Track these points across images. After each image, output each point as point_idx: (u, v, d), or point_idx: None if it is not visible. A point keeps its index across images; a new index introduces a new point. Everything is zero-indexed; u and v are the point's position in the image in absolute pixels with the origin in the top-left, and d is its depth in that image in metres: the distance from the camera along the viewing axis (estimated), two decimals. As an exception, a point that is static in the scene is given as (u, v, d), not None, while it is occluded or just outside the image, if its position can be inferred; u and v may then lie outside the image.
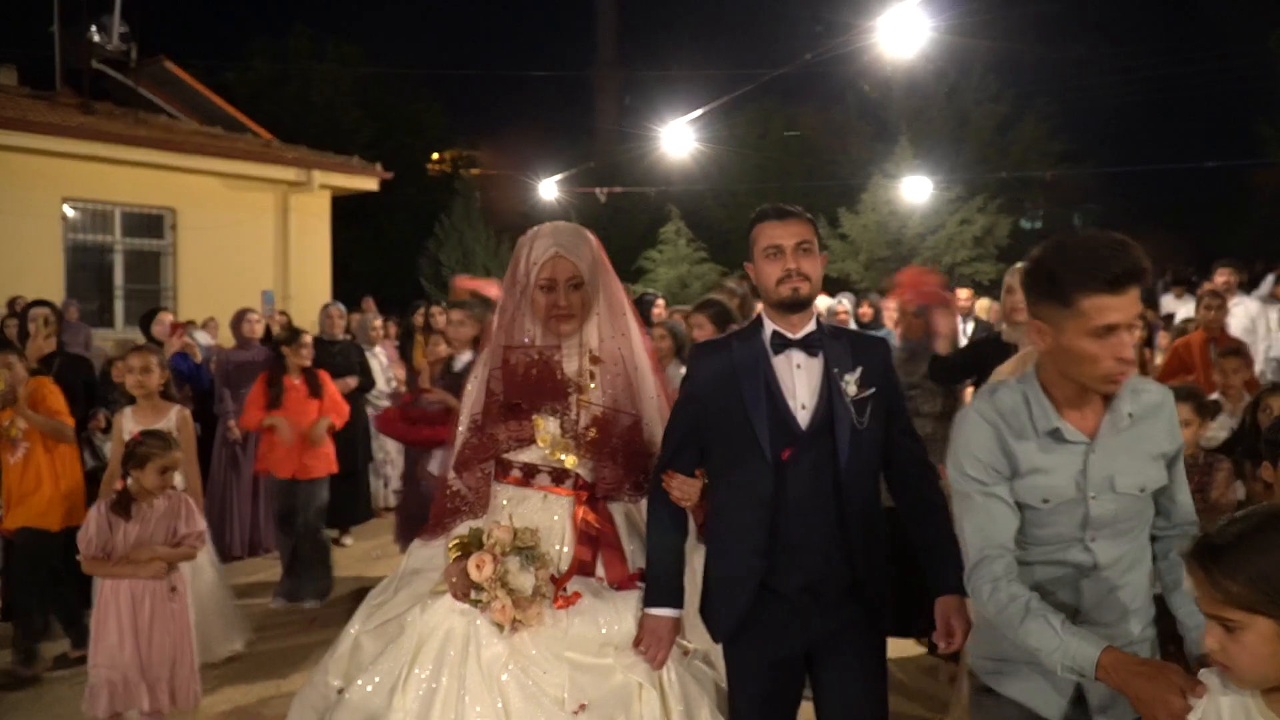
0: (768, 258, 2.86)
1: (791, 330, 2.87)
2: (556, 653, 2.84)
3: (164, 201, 14.92)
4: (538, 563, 2.87)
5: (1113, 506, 2.34)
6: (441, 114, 32.12)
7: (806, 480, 2.80)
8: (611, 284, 3.21)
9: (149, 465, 4.45)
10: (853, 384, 2.81)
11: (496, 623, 2.81)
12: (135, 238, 14.97)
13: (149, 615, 4.37)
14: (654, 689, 2.88)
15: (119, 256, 14.81)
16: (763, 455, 2.79)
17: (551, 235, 3.13)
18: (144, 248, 15.06)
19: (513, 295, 3.16)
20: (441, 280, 25.91)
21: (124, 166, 14.03)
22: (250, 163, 15.55)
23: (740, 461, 2.84)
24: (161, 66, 17.51)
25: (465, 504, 3.11)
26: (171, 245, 15.11)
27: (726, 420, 2.86)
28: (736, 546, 2.87)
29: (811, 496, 2.80)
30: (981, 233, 20.49)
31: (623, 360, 3.15)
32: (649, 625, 2.92)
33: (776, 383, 2.84)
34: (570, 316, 3.08)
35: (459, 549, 2.96)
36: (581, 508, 3.09)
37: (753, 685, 2.88)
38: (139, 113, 15.35)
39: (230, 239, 15.03)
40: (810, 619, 2.83)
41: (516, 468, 3.11)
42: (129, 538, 4.40)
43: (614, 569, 3.05)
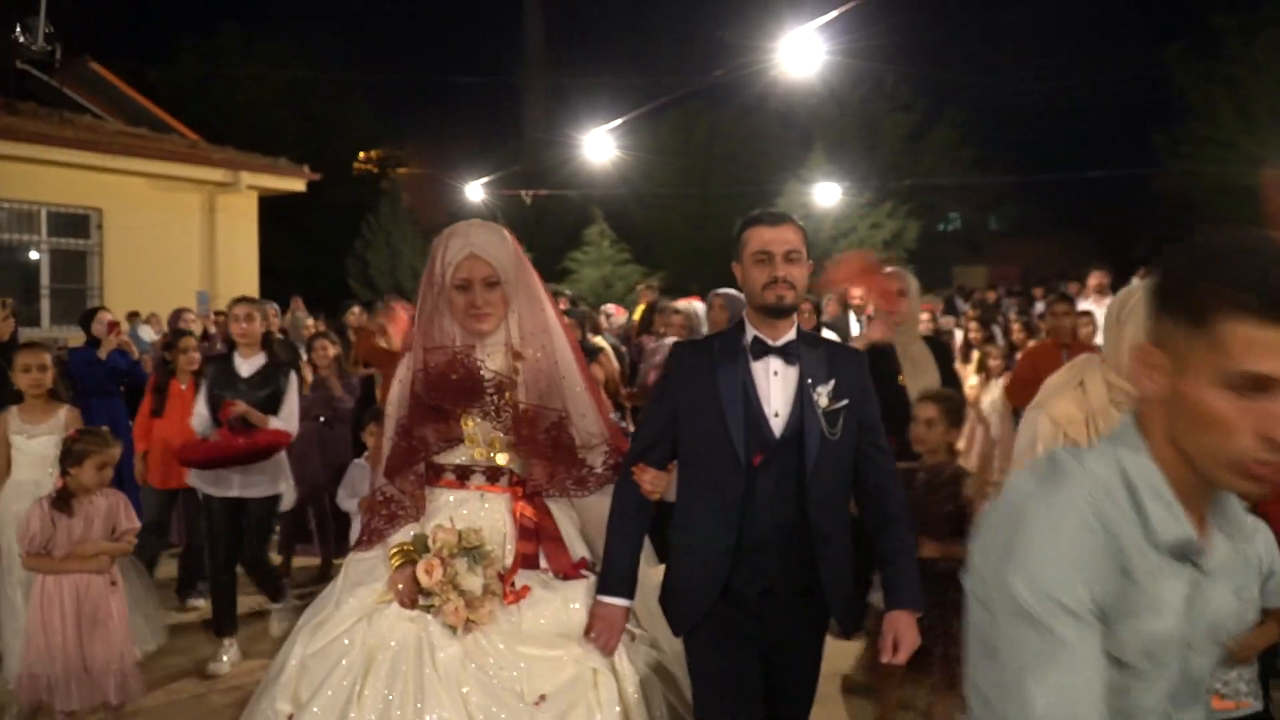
0: (756, 262, 2.87)
1: (772, 337, 2.89)
2: (511, 647, 2.84)
3: (90, 202, 15.08)
4: (485, 561, 2.88)
5: (1208, 664, 1.58)
6: (369, 115, 32.22)
7: (774, 486, 2.83)
8: (530, 280, 3.19)
9: (87, 462, 4.45)
10: (825, 395, 2.84)
11: (450, 625, 2.80)
12: (61, 237, 15.13)
13: (91, 610, 4.38)
14: (609, 675, 2.89)
15: (45, 256, 14.96)
16: (735, 459, 2.81)
17: (465, 234, 3.10)
18: (70, 247, 15.22)
19: (430, 295, 3.13)
20: (369, 280, 26.16)
21: (49, 166, 14.16)
22: (177, 164, 15.75)
23: (712, 463, 2.86)
24: (86, 66, 17.57)
25: (401, 509, 3.07)
26: (98, 245, 15.28)
27: (702, 421, 2.88)
28: (703, 546, 2.88)
29: (778, 502, 2.83)
30: (891, 236, 21.38)
31: (545, 356, 3.14)
32: (601, 613, 2.92)
33: (754, 388, 2.86)
34: (487, 315, 3.06)
35: (401, 556, 2.95)
36: (519, 503, 3.08)
37: (714, 670, 2.90)
38: (64, 113, 15.45)
39: (157, 239, 15.22)
40: (767, 621, 2.88)
41: (450, 470, 3.10)
42: (72, 534, 4.40)
43: (557, 560, 3.05)
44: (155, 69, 27.41)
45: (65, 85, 16.24)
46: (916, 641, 2.87)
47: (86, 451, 4.45)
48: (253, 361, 5.62)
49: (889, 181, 22.88)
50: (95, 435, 4.61)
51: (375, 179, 30.30)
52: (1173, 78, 21.19)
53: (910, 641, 2.86)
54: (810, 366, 2.87)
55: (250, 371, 5.58)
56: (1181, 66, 20.81)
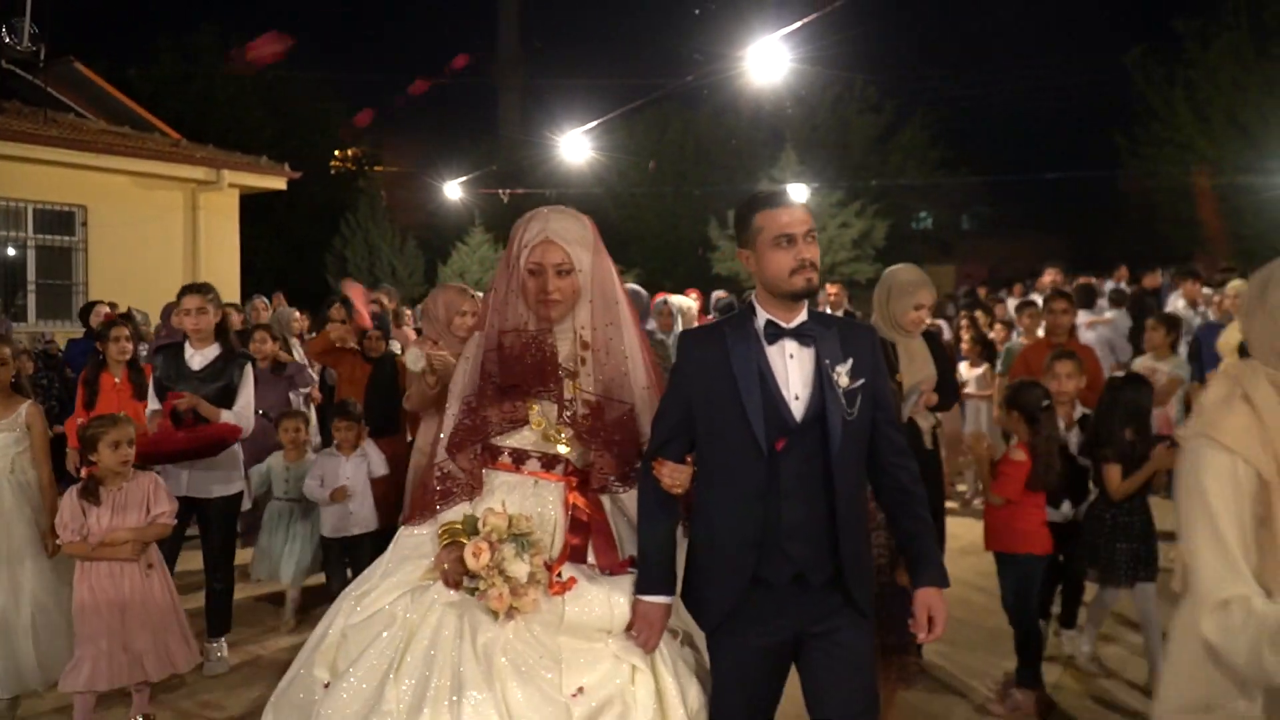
0: (778, 246, 2.78)
1: (786, 319, 2.83)
2: (551, 638, 2.81)
3: (75, 199, 15.25)
4: (533, 549, 2.84)
5: None
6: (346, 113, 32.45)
7: (799, 471, 2.77)
8: (606, 271, 3.12)
9: (100, 444, 4.48)
10: (844, 375, 2.78)
11: (492, 610, 2.78)
12: (47, 234, 15.30)
13: (128, 592, 4.45)
14: (648, 671, 2.86)
15: (30, 252, 15.16)
16: (756, 446, 2.74)
17: (544, 219, 3.07)
18: (55, 244, 15.39)
19: (504, 279, 3.12)
20: (348, 276, 26.46)
21: (35, 165, 14.34)
22: (160, 162, 15.91)
23: (732, 452, 2.80)
24: (70, 67, 17.77)
25: (458, 485, 3.04)
26: (82, 242, 15.44)
27: (719, 410, 2.81)
28: (727, 538, 2.83)
29: (803, 487, 2.77)
30: (860, 235, 21.87)
31: (614, 348, 3.09)
32: (642, 611, 2.88)
33: (770, 373, 2.79)
34: (557, 302, 3.02)
35: (449, 536, 2.93)
36: (573, 494, 3.05)
37: (737, 671, 2.87)
38: (47, 112, 15.66)
39: (140, 236, 15.39)
40: (798, 607, 2.82)
41: (506, 453, 3.07)
42: (103, 521, 4.45)
43: (605, 555, 3.02)
44: (134, 67, 27.56)
45: (49, 85, 16.44)
46: (947, 616, 2.83)
47: (98, 434, 4.49)
48: (205, 353, 5.37)
49: (858, 181, 23.39)
50: (104, 418, 4.68)
51: (352, 176, 30.51)
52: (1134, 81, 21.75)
53: (944, 618, 2.81)
54: (826, 347, 2.80)
55: (202, 364, 5.33)
56: (1142, 70, 21.39)
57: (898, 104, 26.43)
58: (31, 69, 16.29)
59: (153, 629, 4.52)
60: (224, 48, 29.13)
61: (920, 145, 26.51)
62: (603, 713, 2.74)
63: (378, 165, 32.64)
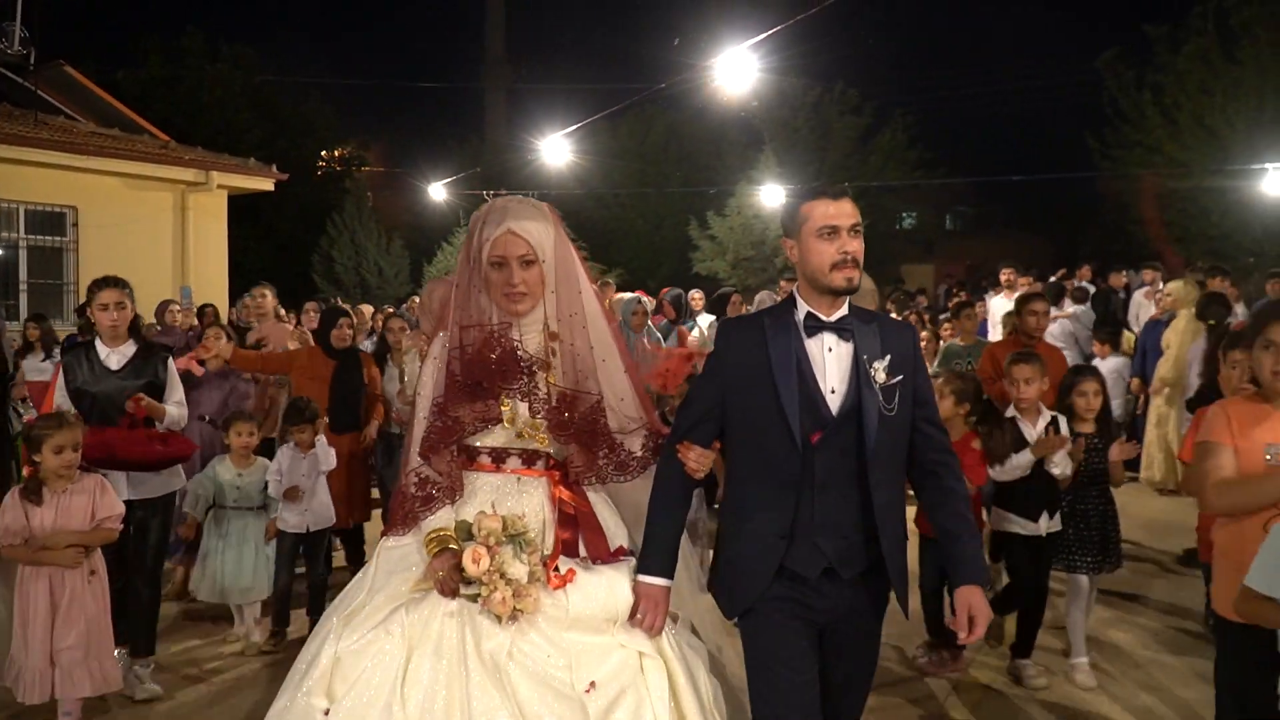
0: (821, 238, 2.75)
1: (827, 313, 2.80)
2: (558, 635, 2.77)
3: (66, 200, 15.56)
4: (529, 548, 2.80)
5: None
6: (333, 115, 32.75)
7: (834, 464, 2.74)
8: (570, 260, 3.06)
9: (45, 446, 4.32)
10: (882, 371, 2.76)
11: (496, 614, 2.73)
12: (38, 235, 15.60)
13: (67, 600, 4.27)
14: (657, 658, 2.84)
15: (23, 253, 15.46)
16: (791, 438, 2.72)
17: (504, 211, 3.00)
18: (47, 244, 15.70)
19: (465, 273, 3.04)
20: (334, 276, 26.75)
21: (26, 166, 14.64)
22: (150, 164, 16.25)
23: (767, 442, 2.77)
24: (60, 70, 18.07)
25: (438, 489, 2.95)
26: (74, 242, 15.76)
27: (754, 400, 2.79)
28: (757, 527, 2.81)
29: (838, 481, 2.75)
30: (836, 235, 22.28)
31: (582, 338, 3.03)
32: (643, 592, 2.86)
33: (809, 365, 2.77)
34: (523, 295, 2.96)
35: (438, 543, 2.87)
36: (558, 488, 3.00)
37: (769, 645, 2.84)
38: (38, 114, 15.95)
39: (130, 236, 15.64)
40: (826, 600, 2.81)
41: (485, 453, 3.01)
42: (46, 523, 4.29)
43: (595, 547, 2.97)
44: (121, 70, 27.79)
45: (39, 88, 16.73)
46: (990, 616, 2.80)
47: (42, 435, 4.33)
48: (123, 351, 5.06)
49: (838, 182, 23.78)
50: (51, 418, 4.51)
51: (339, 177, 30.79)
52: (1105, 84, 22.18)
53: (986, 617, 2.77)
54: (865, 341, 2.78)
55: (121, 362, 5.03)
56: (1113, 73, 21.83)
57: (877, 106, 26.84)
58: (22, 72, 16.59)
59: (87, 641, 4.29)
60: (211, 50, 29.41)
61: (899, 147, 26.93)
62: (618, 705, 2.71)
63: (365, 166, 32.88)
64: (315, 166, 31.58)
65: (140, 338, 5.17)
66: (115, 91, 21.13)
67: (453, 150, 32.86)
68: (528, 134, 25.30)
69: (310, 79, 31.92)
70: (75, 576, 4.32)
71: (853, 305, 2.85)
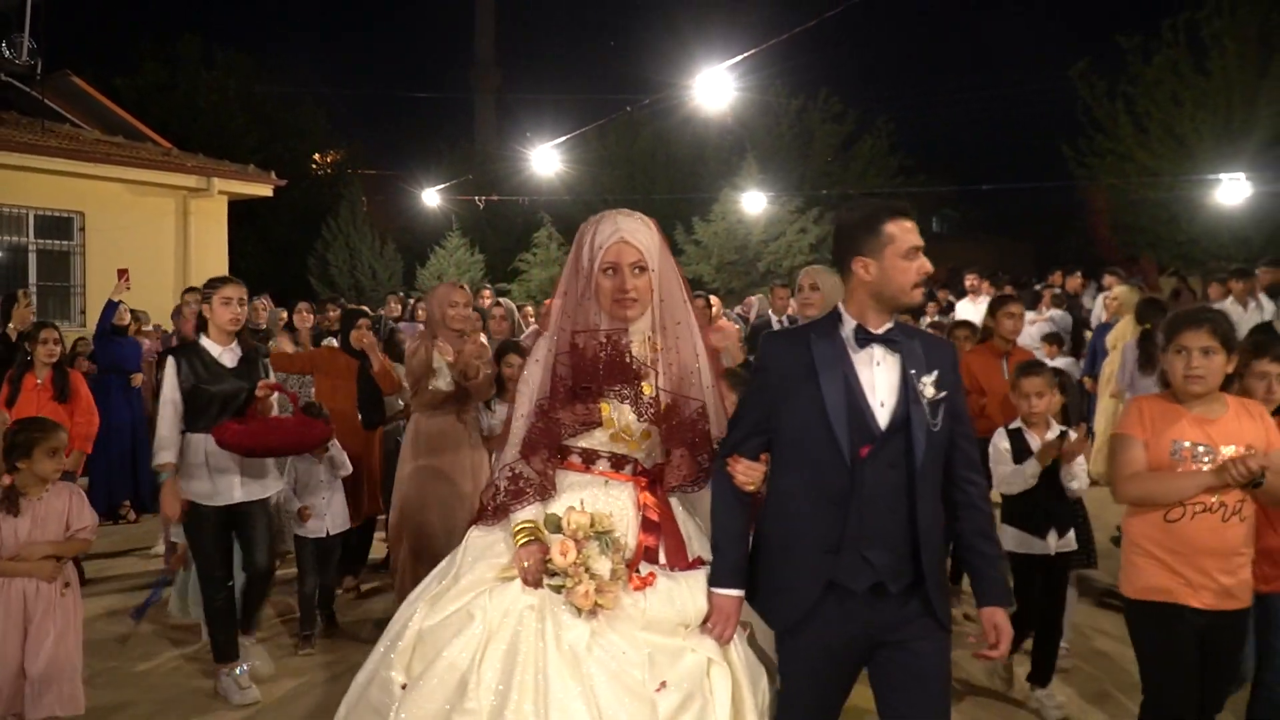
0: (906, 258, 2.78)
1: (875, 326, 2.82)
2: (634, 633, 2.82)
3: (74, 205, 16.04)
4: (614, 547, 2.87)
5: None
6: (325, 120, 33.22)
7: (882, 478, 2.74)
8: (672, 271, 3.12)
9: (36, 451, 4.15)
10: (930, 386, 2.77)
11: (577, 606, 2.79)
12: (47, 239, 16.09)
13: (40, 614, 4.09)
14: (724, 665, 2.88)
15: (32, 256, 15.94)
16: (839, 452, 2.73)
17: (614, 220, 3.07)
18: (55, 248, 16.20)
19: (574, 281, 3.10)
20: (329, 279, 27.24)
21: (35, 174, 15.13)
22: (154, 170, 16.74)
23: (814, 457, 2.78)
24: (65, 78, 18.56)
25: (530, 486, 3.02)
26: (81, 246, 16.25)
27: (802, 414, 2.80)
28: (803, 542, 2.82)
29: (885, 495, 2.75)
30: (817, 240, 22.84)
31: (683, 347, 3.09)
32: (717, 604, 2.90)
33: (857, 379, 2.77)
34: (634, 301, 3.01)
35: (528, 534, 2.94)
36: (644, 494, 3.06)
37: (809, 672, 2.86)
38: (45, 122, 16.46)
39: (135, 240, 16.16)
40: (874, 614, 2.79)
41: (576, 453, 3.08)
42: (20, 534, 4.11)
43: (675, 554, 3.01)
44: (119, 76, 28.21)
45: (45, 96, 17.20)
46: (1012, 634, 2.87)
47: (33, 440, 4.16)
48: (233, 350, 5.10)
49: (820, 188, 24.37)
50: (35, 422, 4.38)
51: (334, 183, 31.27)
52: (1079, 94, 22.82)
53: (1009, 635, 2.84)
54: (910, 356, 2.80)
55: (234, 361, 5.07)
56: (1086, 83, 22.46)
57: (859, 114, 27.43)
58: (29, 81, 17.06)
59: (60, 658, 4.12)
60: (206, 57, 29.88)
61: (880, 153, 27.52)
62: (686, 707, 2.76)
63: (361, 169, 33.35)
64: (310, 171, 32.02)
65: (245, 339, 5.17)
66: (115, 98, 21.59)
67: (444, 155, 33.33)
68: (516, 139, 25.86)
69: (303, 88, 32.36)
70: (49, 590, 4.12)
71: (896, 320, 2.88)
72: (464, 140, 36.95)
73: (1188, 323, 3.54)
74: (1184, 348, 3.50)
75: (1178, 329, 3.56)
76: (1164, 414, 3.56)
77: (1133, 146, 21.59)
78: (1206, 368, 3.46)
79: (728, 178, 24.48)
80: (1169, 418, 3.54)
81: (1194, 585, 3.45)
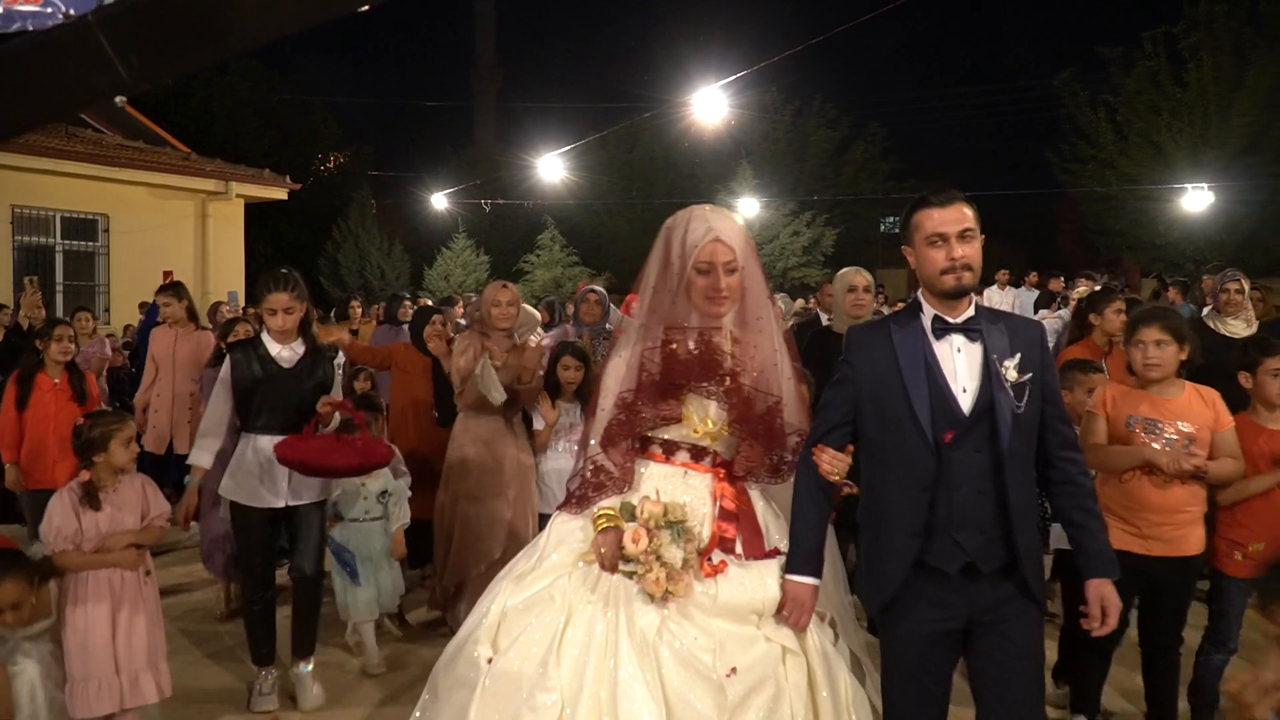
0: (930, 245, 2.81)
1: (952, 315, 2.84)
2: (705, 620, 2.86)
3: (98, 208, 16.82)
4: (686, 536, 2.91)
5: None
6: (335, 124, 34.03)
7: (968, 463, 2.77)
8: (755, 267, 3.17)
9: (112, 443, 4.10)
10: (1012, 369, 2.78)
11: (649, 593, 2.85)
12: (73, 240, 16.88)
13: (129, 603, 4.07)
14: (799, 654, 2.91)
15: (59, 256, 16.74)
16: (924, 438, 2.76)
17: (706, 219, 3.10)
18: (81, 249, 17.00)
19: (662, 277, 3.14)
20: (339, 279, 28.07)
21: (62, 177, 15.88)
22: (174, 174, 17.52)
23: (899, 444, 2.81)
24: (89, 86, 19.34)
25: (611, 479, 3.10)
26: (105, 247, 17.05)
27: (886, 403, 2.84)
28: (891, 526, 2.85)
29: (973, 479, 2.77)
30: (810, 243, 23.71)
31: (764, 341, 3.13)
32: (791, 591, 2.92)
33: (938, 366, 2.80)
34: (726, 299, 3.07)
35: (606, 521, 3.00)
36: (721, 484, 3.10)
37: (907, 654, 2.87)
38: (68, 127, 17.12)
39: (156, 241, 16.98)
40: (969, 596, 2.81)
41: (657, 444, 3.14)
42: (100, 526, 4.06)
43: (751, 544, 3.05)
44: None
45: (70, 103, 17.93)
46: (1119, 607, 2.89)
47: (109, 433, 4.12)
48: (294, 348, 4.77)
49: (814, 193, 25.26)
50: (106, 414, 4.34)
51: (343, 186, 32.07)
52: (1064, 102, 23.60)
53: (1117, 607, 2.87)
54: (994, 341, 2.82)
55: (292, 359, 4.75)
56: (1069, 91, 23.25)
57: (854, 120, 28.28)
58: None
59: (152, 645, 4.15)
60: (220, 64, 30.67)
61: (874, 158, 28.34)
62: (757, 693, 2.79)
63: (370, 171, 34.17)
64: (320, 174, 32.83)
65: (311, 336, 4.86)
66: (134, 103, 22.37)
67: (448, 157, 34.17)
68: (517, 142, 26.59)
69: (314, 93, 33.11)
70: (133, 579, 4.12)
71: (979, 305, 2.90)
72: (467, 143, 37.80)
73: (1143, 320, 4.11)
74: (1141, 341, 4.05)
75: (1135, 326, 4.12)
76: (1126, 396, 4.14)
77: (1113, 153, 22.38)
78: (1160, 357, 4.00)
79: (724, 182, 25.30)
80: (1131, 399, 4.11)
81: (1144, 536, 3.99)
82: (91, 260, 17.17)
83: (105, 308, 16.89)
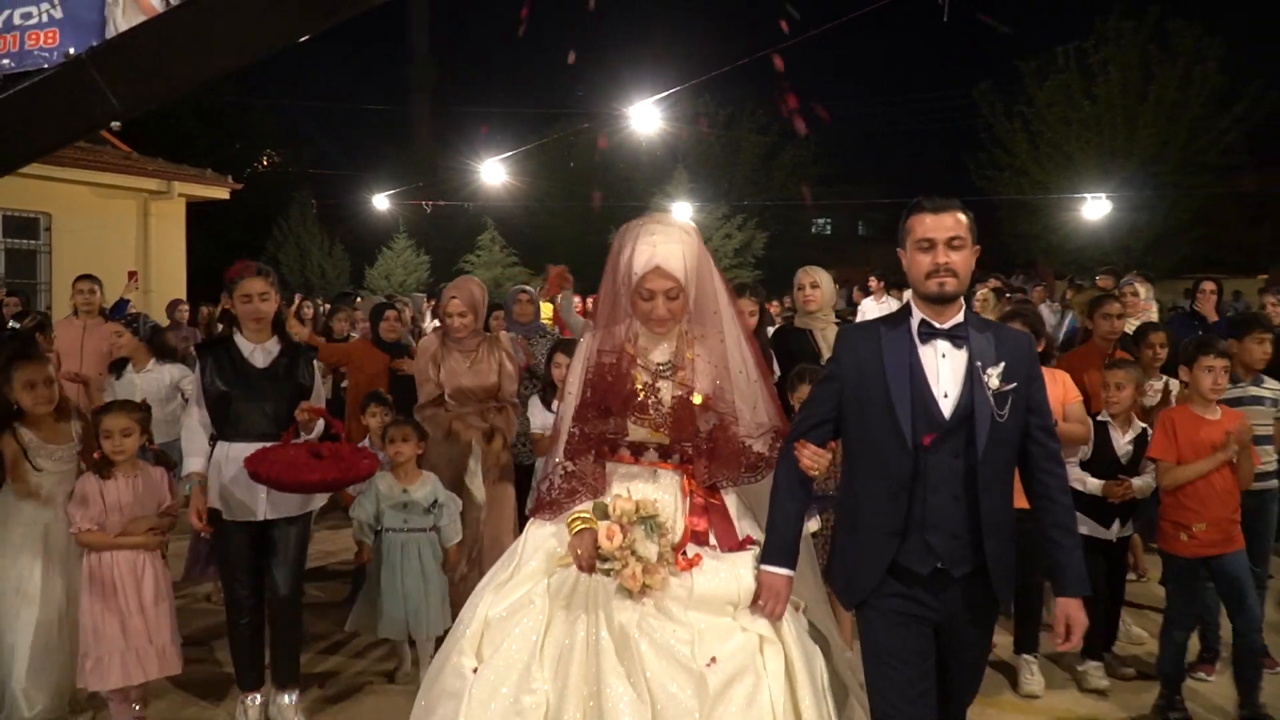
0: (919, 250, 2.85)
1: (939, 320, 2.87)
2: (683, 613, 2.92)
3: (40, 206, 16.74)
4: (660, 531, 2.97)
5: None
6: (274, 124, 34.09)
7: (945, 467, 2.80)
8: (708, 274, 3.20)
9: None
10: (995, 377, 2.80)
11: (626, 588, 2.90)
12: (14, 238, 16.87)
13: (151, 583, 4.24)
14: (776, 642, 2.95)
15: (0, 255, 16.71)
16: (903, 440, 2.79)
17: (653, 244, 3.08)
18: (22, 247, 16.96)
19: (611, 288, 3.20)
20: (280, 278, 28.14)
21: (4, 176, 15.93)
22: (117, 174, 17.50)
23: (880, 444, 2.85)
24: (27, 84, 19.39)
25: (584, 484, 3.15)
26: (47, 245, 17.01)
27: (868, 403, 2.88)
28: (869, 524, 2.90)
29: (949, 483, 2.81)
30: (741, 245, 24.49)
31: (717, 345, 3.19)
32: (766, 581, 2.97)
33: (921, 370, 2.83)
34: (669, 320, 3.14)
35: (580, 523, 3.05)
36: (689, 480, 3.15)
37: (886, 638, 2.91)
38: (10, 127, 17.29)
39: (99, 241, 16.81)
40: (939, 596, 2.88)
41: (624, 446, 3.20)
42: (124, 511, 4.23)
43: (725, 537, 3.10)
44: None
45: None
46: (1086, 625, 2.95)
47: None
48: (267, 348, 4.44)
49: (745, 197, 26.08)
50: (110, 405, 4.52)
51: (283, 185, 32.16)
52: (981, 112, 24.68)
53: (1082, 626, 2.92)
54: (979, 349, 2.84)
55: (266, 360, 4.42)
56: (987, 102, 24.32)
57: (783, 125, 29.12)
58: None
59: (171, 622, 4.32)
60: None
61: (804, 162, 29.21)
62: (737, 682, 2.84)
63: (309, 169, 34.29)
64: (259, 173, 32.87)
65: (285, 334, 4.56)
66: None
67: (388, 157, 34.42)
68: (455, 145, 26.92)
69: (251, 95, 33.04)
70: (154, 561, 4.28)
71: (969, 313, 2.93)
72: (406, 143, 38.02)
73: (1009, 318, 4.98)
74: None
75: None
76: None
77: (1027, 162, 23.51)
78: None
79: (660, 185, 25.98)
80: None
81: None
82: (33, 259, 17.16)
83: (47, 306, 16.96)
